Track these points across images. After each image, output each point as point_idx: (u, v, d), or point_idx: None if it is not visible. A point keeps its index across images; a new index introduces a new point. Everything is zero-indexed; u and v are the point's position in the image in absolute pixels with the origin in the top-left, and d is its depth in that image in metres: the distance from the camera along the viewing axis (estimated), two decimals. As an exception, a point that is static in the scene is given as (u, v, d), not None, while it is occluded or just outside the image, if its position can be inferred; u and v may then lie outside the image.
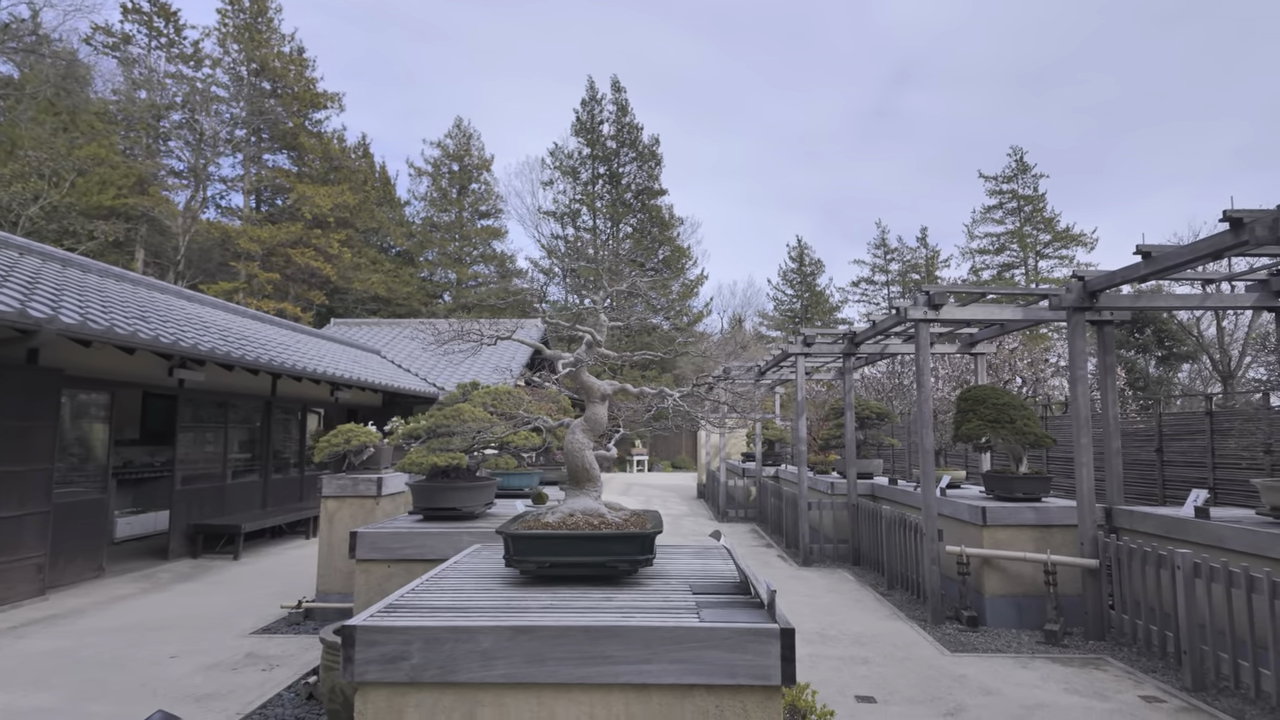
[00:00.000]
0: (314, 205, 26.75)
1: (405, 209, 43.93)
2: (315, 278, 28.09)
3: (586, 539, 2.79)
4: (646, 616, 2.38)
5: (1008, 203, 44.50)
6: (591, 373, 3.25)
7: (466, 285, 43.47)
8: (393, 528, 4.69)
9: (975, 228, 45.78)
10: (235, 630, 6.17)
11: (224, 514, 10.33)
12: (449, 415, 4.85)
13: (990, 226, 45.13)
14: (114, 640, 5.82)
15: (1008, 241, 44.48)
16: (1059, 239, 42.95)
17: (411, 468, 4.66)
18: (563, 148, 39.87)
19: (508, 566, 2.84)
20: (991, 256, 44.85)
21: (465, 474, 5.17)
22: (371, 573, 4.57)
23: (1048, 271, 43.29)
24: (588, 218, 38.82)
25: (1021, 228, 43.79)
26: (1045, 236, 43.34)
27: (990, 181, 45.16)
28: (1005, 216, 44.65)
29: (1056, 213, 43.22)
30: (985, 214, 45.36)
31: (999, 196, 44.75)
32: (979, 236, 45.49)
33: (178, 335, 7.80)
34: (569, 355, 3.18)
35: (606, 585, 2.83)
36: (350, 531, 4.58)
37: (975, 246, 45.53)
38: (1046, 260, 43.42)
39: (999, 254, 44.77)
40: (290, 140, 28.74)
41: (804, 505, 9.76)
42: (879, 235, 53.00)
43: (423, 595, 2.71)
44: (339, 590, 6.62)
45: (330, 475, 6.80)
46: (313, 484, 13.16)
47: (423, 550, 4.56)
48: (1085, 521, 6.30)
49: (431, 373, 18.36)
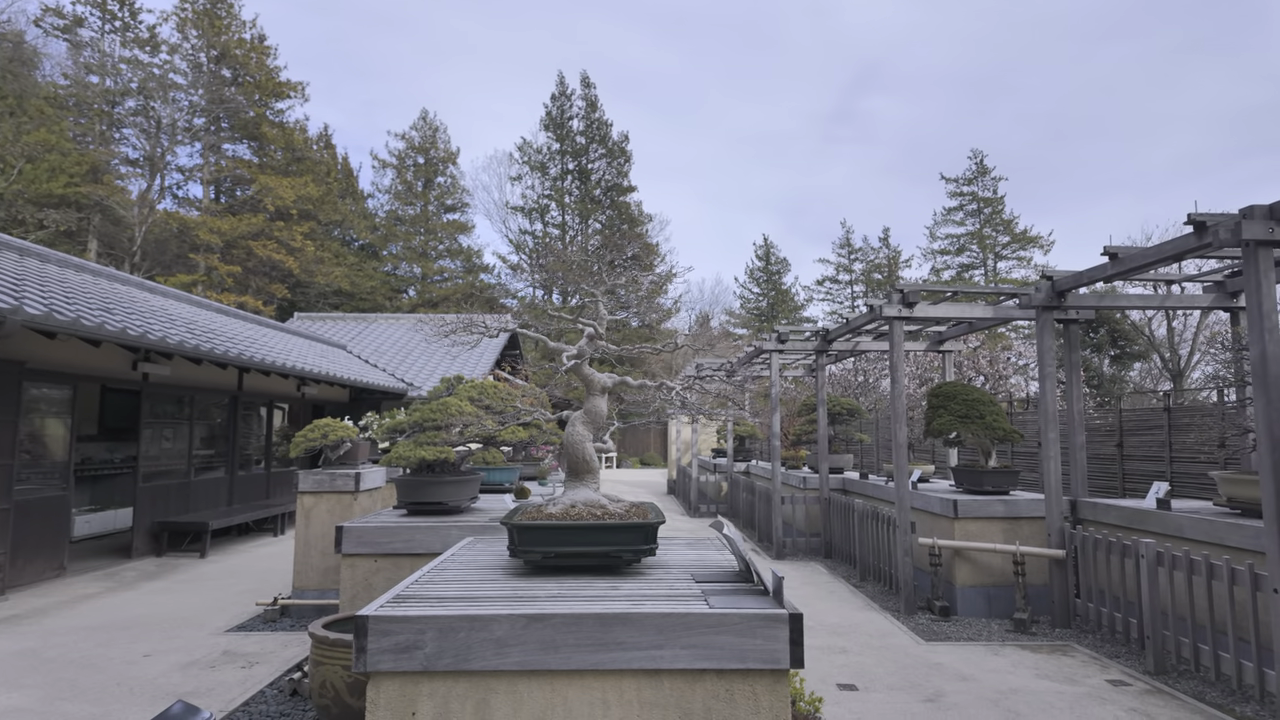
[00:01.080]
0: (277, 197, 26.17)
1: (368, 202, 43.24)
2: (277, 271, 27.50)
3: (591, 529, 2.82)
4: (657, 604, 2.43)
5: (968, 204, 45.49)
6: None
7: (432, 280, 42.99)
8: (378, 522, 4.66)
9: (937, 229, 46.75)
10: (209, 628, 6.05)
11: (189, 511, 10.09)
12: (436, 409, 4.83)
13: (951, 228, 46.14)
14: (83, 640, 5.67)
15: (968, 242, 45.48)
16: (1017, 240, 44.06)
17: (399, 462, 4.63)
18: (531, 142, 39.71)
19: (512, 556, 2.86)
20: (952, 257, 45.83)
21: (450, 468, 5.15)
22: (357, 567, 4.54)
23: (1006, 272, 44.38)
24: (557, 213, 38.67)
25: (981, 229, 44.81)
26: (1004, 238, 44.41)
27: (952, 184, 46.13)
28: (966, 218, 45.65)
29: (1015, 215, 44.34)
30: (946, 215, 46.33)
31: (960, 198, 45.74)
32: (940, 237, 46.45)
33: (145, 327, 7.61)
34: (572, 348, 3.20)
35: (610, 575, 2.87)
36: (336, 526, 4.53)
37: (937, 247, 46.49)
38: (1005, 261, 44.51)
39: (959, 254, 45.76)
40: (252, 130, 28.07)
41: (777, 500, 9.91)
42: (843, 235, 53.75)
43: (428, 586, 2.71)
44: (316, 586, 6.54)
45: (306, 471, 6.70)
46: (279, 481, 12.93)
47: (410, 544, 4.54)
48: (1053, 514, 6.52)
49: (400, 369, 18.13)
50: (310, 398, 14.03)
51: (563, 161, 38.72)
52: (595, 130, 38.26)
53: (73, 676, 4.85)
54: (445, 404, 4.84)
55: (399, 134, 43.32)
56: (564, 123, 38.83)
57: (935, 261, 46.66)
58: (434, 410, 4.83)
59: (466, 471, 5.21)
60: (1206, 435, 7.12)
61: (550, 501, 3.11)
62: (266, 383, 12.36)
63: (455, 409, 4.82)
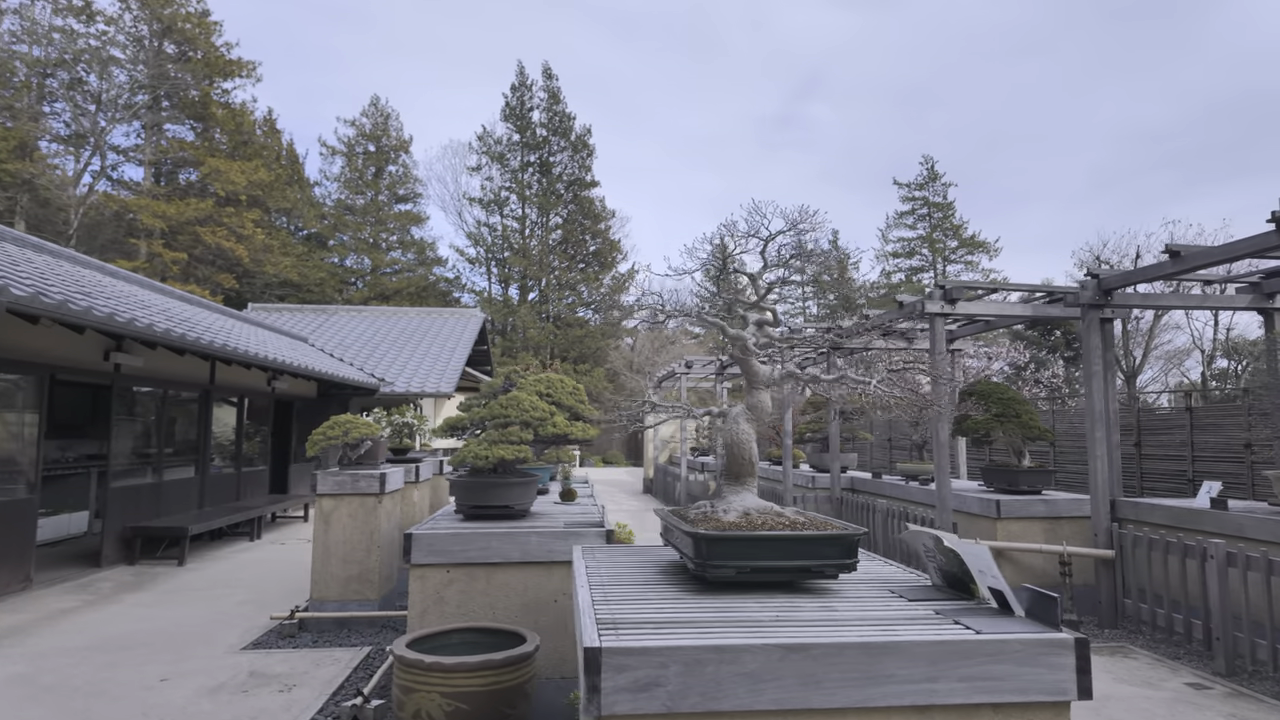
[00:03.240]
0: (228, 181, 24.78)
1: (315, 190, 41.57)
2: (225, 259, 26.07)
3: (790, 540, 2.50)
4: (918, 629, 2.13)
5: (919, 209, 46.59)
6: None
7: (383, 272, 41.68)
8: (448, 528, 4.22)
9: (889, 232, 47.73)
10: (222, 646, 5.47)
11: (160, 514, 9.30)
12: (506, 404, 4.41)
13: (903, 231, 47.17)
14: (81, 663, 5.03)
15: (918, 246, 46.61)
16: (965, 245, 45.35)
17: (478, 461, 4.20)
18: (491, 132, 38.75)
19: (698, 571, 2.51)
20: (904, 260, 46.86)
21: (511, 468, 4.74)
22: (428, 579, 4.10)
23: (955, 275, 45.63)
24: (517, 206, 37.89)
25: (932, 234, 45.95)
26: (953, 243, 45.66)
27: (904, 188, 47.15)
28: (917, 222, 46.74)
29: (964, 220, 45.61)
30: (898, 219, 47.36)
31: (912, 203, 46.79)
32: (893, 240, 47.44)
33: (131, 314, 6.90)
34: (746, 334, 2.86)
35: (804, 593, 2.56)
36: (404, 534, 4.08)
37: (890, 250, 47.44)
38: (954, 265, 45.77)
39: (910, 257, 46.85)
40: (198, 110, 26.50)
41: (789, 500, 9.72)
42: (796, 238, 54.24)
43: (614, 608, 2.35)
44: (336, 598, 6.00)
45: (324, 471, 6.15)
46: (250, 481, 12.12)
47: (486, 553, 4.13)
48: (1099, 513, 6.48)
49: (368, 363, 17.33)
50: (280, 393, 13.22)
51: (523, 153, 37.95)
52: (557, 123, 37.63)
53: (83, 707, 4.26)
54: (516, 399, 4.43)
55: (348, 120, 41.83)
56: (524, 114, 38.06)
57: (887, 264, 47.68)
58: (505, 405, 4.42)
59: (527, 472, 4.81)
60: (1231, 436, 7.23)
61: (722, 508, 2.77)
62: (238, 376, 11.56)
63: (528, 404, 4.43)
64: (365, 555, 6.05)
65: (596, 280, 36.49)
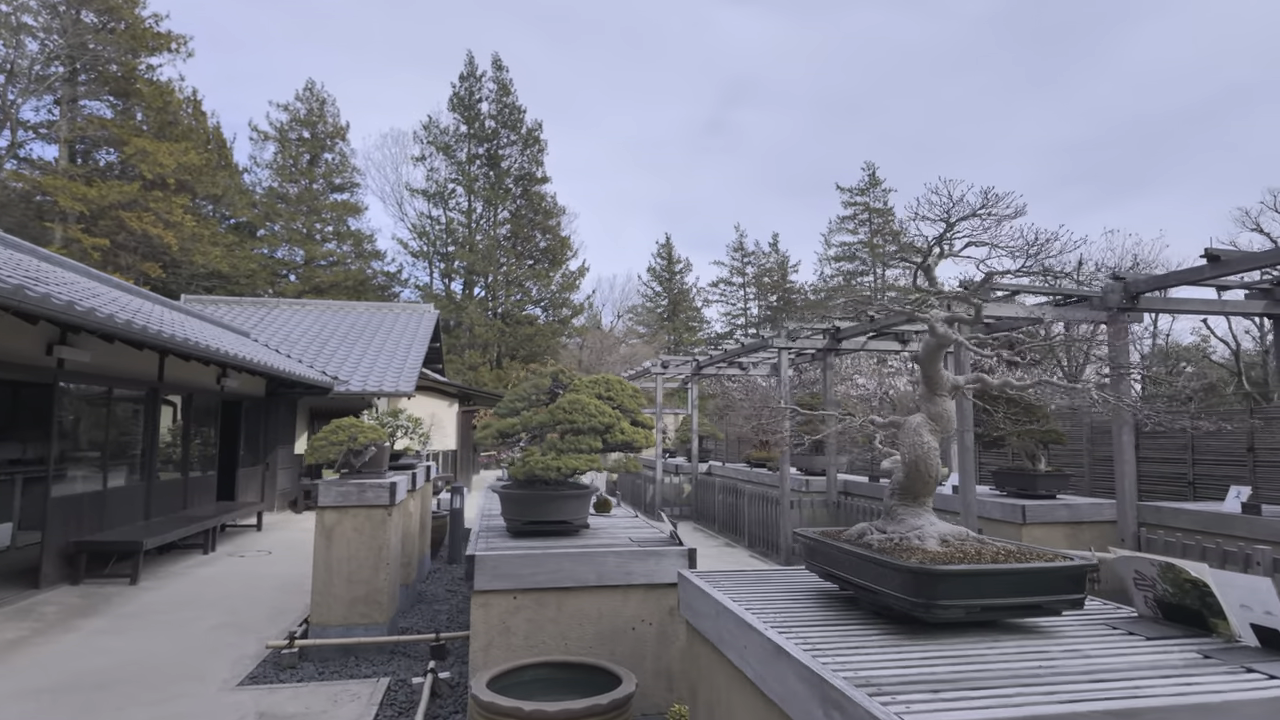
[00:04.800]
0: (155, 163, 23.00)
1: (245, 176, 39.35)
2: (151, 247, 24.25)
3: (1025, 574, 2.17)
4: (1208, 679, 1.82)
5: (860, 214, 47.60)
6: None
7: (318, 264, 39.82)
8: (512, 548, 3.74)
9: (831, 236, 48.64)
10: (214, 682, 4.80)
11: (104, 527, 8.34)
12: (569, 408, 3.95)
13: (845, 235, 48.11)
14: (50, 709, 4.30)
15: (859, 250, 47.62)
16: (904, 250, 46.49)
17: (545, 472, 3.72)
18: (437, 122, 37.47)
19: (916, 612, 2.15)
20: (846, 264, 47.81)
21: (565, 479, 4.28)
22: (492, 607, 3.60)
23: (894, 279, 46.82)
24: (464, 199, 36.74)
25: (872, 238, 47.01)
26: (892, 247, 46.82)
27: (845, 193, 48.14)
28: (858, 227, 47.74)
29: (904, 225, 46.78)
30: (840, 224, 48.30)
31: (853, 208, 47.78)
32: (835, 244, 48.32)
33: (89, 303, 6.07)
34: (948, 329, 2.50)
35: (1012, 632, 2.24)
36: (467, 555, 3.57)
37: (832, 254, 48.32)
38: (893, 269, 46.96)
39: (851, 261, 47.83)
40: (121, 86, 24.53)
41: (786, 504, 9.49)
42: (737, 239, 54.89)
43: (839, 659, 1.96)
44: (340, 621, 5.39)
45: (327, 481, 5.51)
46: (198, 487, 11.12)
47: (557, 576, 3.66)
48: (1126, 518, 6.44)
49: (318, 360, 16.30)
50: (229, 391, 12.22)
51: (471, 145, 36.84)
52: (507, 115, 36.67)
53: (68, 766, 3.59)
54: (581, 403, 3.98)
55: (281, 104, 39.72)
56: (473, 105, 36.95)
57: (830, 267, 48.54)
58: (568, 410, 3.95)
59: (578, 484, 4.35)
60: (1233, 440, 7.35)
61: (915, 534, 2.41)
62: (187, 373, 10.58)
63: (594, 409, 3.98)
64: (373, 574, 5.45)
65: (546, 277, 35.71)
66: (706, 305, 53.84)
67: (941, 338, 2.45)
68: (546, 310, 36.25)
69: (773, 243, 54.90)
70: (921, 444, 2.52)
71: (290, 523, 12.83)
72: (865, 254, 47.21)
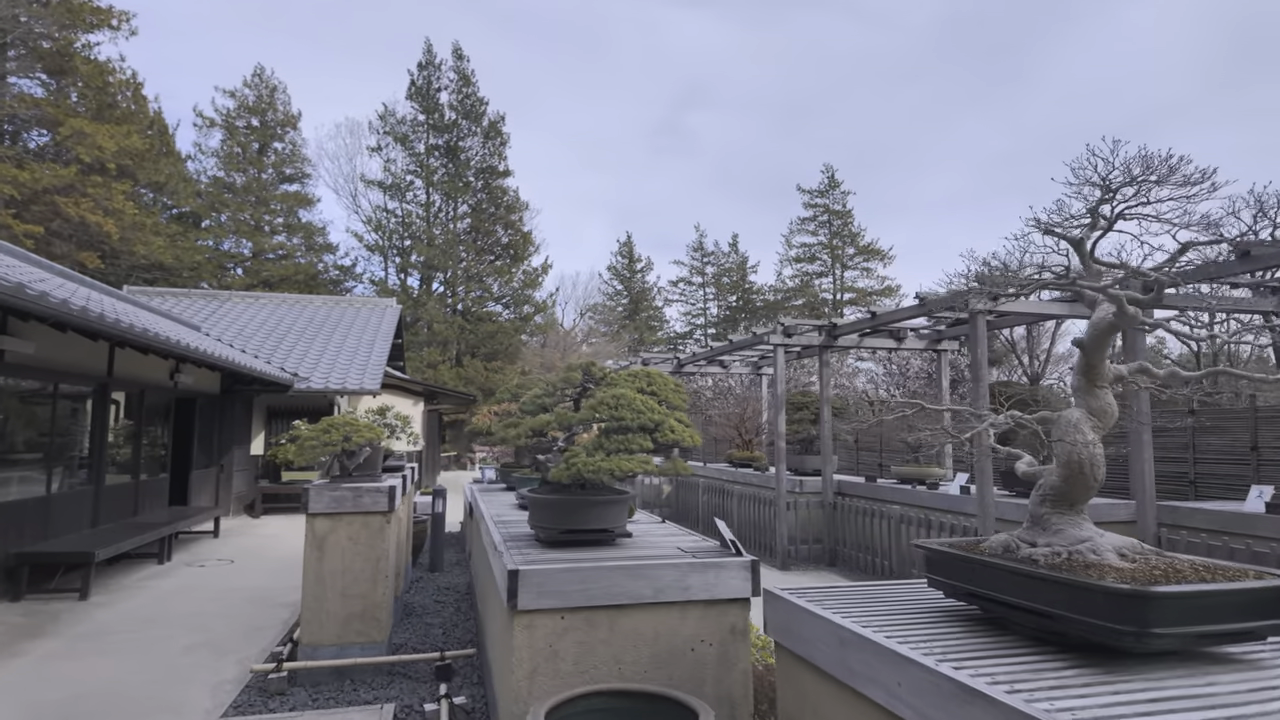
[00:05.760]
0: (94, 146, 21.59)
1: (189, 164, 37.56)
2: (89, 235, 22.79)
3: (1250, 595, 1.88)
4: None
5: (820, 216, 48.00)
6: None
7: (266, 257, 38.28)
8: (555, 562, 3.32)
9: (793, 237, 48.89)
10: (195, 713, 4.26)
11: (48, 536, 7.58)
12: (613, 403, 3.55)
13: (806, 237, 48.44)
14: (3, 752, 3.71)
15: (819, 251, 48.03)
16: (862, 252, 47.15)
17: (593, 475, 3.31)
18: (393, 111, 36.30)
19: (1129, 640, 1.82)
20: (806, 265, 48.17)
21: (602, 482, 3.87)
22: (537, 629, 3.18)
23: (852, 281, 47.40)
24: (422, 191, 35.67)
25: (832, 240, 47.46)
26: (850, 250, 47.36)
27: (806, 195, 48.47)
28: (818, 228, 48.14)
29: (862, 228, 47.42)
30: (801, 225, 48.60)
31: (814, 209, 48.14)
32: (796, 245, 48.61)
33: (45, 288, 5.41)
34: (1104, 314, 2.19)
35: (1231, 665, 1.94)
36: (508, 569, 3.14)
37: (792, 255, 48.60)
38: (851, 271, 47.49)
39: (812, 263, 48.21)
40: (57, 64, 22.97)
41: (782, 505, 9.22)
42: (697, 239, 54.90)
43: (1051, 702, 1.62)
44: (333, 641, 4.87)
45: (318, 485, 4.97)
46: (149, 492, 10.31)
47: (610, 593, 3.26)
48: (1146, 518, 6.33)
49: (275, 356, 15.46)
50: (183, 388, 11.40)
51: (429, 136, 35.79)
52: (469, 106, 35.72)
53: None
54: (627, 399, 3.59)
55: (228, 90, 38.10)
56: (431, 94, 35.90)
57: (790, 268, 48.80)
58: (612, 405, 3.56)
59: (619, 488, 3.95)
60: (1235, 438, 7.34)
61: (1058, 546, 2.10)
62: (139, 367, 9.78)
63: (642, 404, 3.59)
64: (370, 587, 4.95)
65: (508, 274, 34.92)
66: (667, 305, 53.71)
67: (1125, 318, 2.13)
68: (508, 307, 35.46)
69: (732, 243, 55.07)
70: (1083, 442, 2.21)
71: (249, 528, 12.06)
72: (825, 255, 47.63)
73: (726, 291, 54.46)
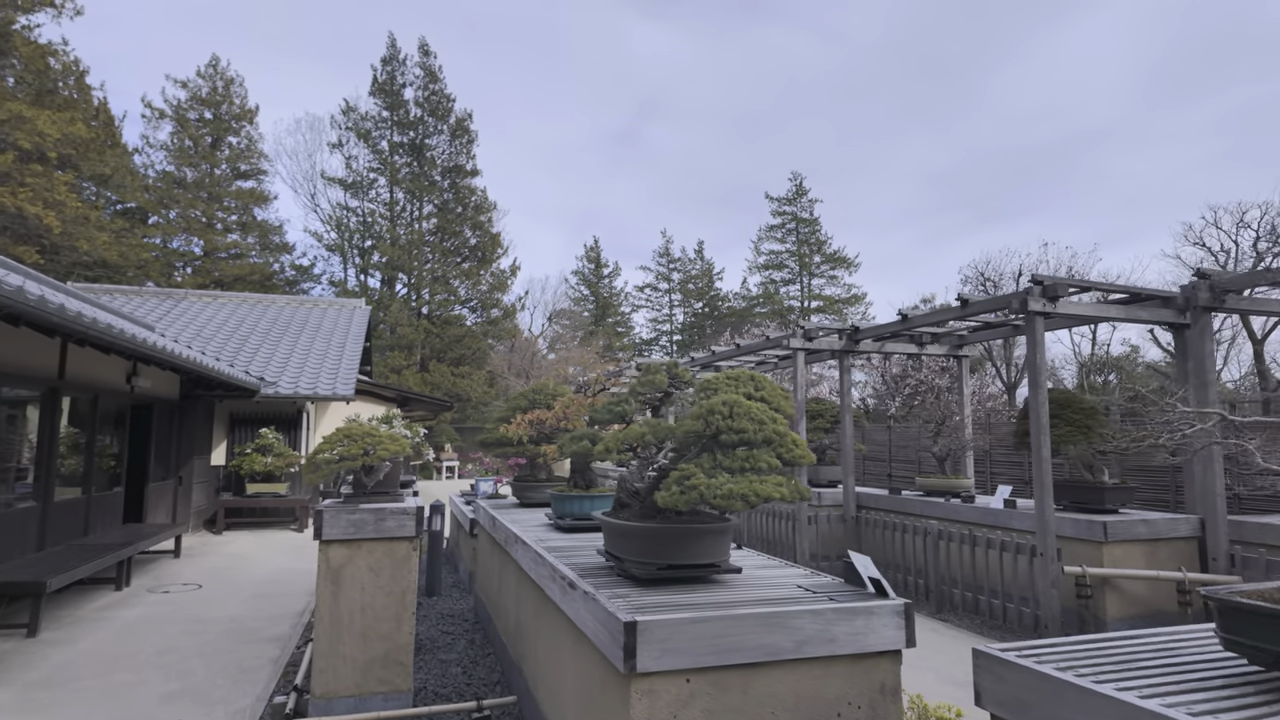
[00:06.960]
0: (34, 132, 20.06)
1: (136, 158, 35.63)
2: (27, 228, 21.20)
3: None
4: None
5: (788, 223, 48.07)
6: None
7: (219, 256, 36.56)
8: (672, 610, 2.68)
9: (761, 244, 48.87)
10: (188, 790, 3.48)
11: (-12, 562, 6.61)
12: (728, 412, 2.94)
13: (774, 244, 48.46)
14: None
15: (787, 259, 48.06)
16: (829, 260, 47.34)
17: (728, 501, 2.69)
18: (355, 107, 35.02)
19: None
20: (775, 271, 48.15)
21: (697, 509, 3.26)
22: (660, 695, 2.54)
23: (819, 289, 47.51)
24: (385, 190, 34.43)
25: (800, 247, 47.53)
26: (818, 258, 47.49)
27: (774, 202, 48.50)
28: (786, 236, 48.18)
29: (829, 236, 47.63)
30: (769, 232, 48.61)
31: (782, 217, 48.20)
32: (764, 253, 48.58)
33: None
34: None
35: None
36: (622, 621, 2.49)
37: (761, 262, 48.55)
38: (818, 278, 47.61)
39: (780, 270, 48.21)
40: (-6, 43, 21.35)
41: (804, 520, 8.68)
42: (663, 244, 54.55)
43: None
44: (351, 691, 4.13)
45: (331, 505, 4.22)
46: (101, 508, 9.28)
47: (744, 648, 2.64)
48: (1218, 536, 5.96)
49: (238, 359, 14.40)
50: (140, 392, 10.38)
51: (394, 132, 34.59)
52: (435, 103, 34.61)
53: None
54: (741, 406, 2.98)
55: (180, 81, 36.32)
56: (396, 90, 34.73)
57: (758, 275, 48.73)
58: (728, 415, 2.94)
59: (711, 514, 3.34)
60: None
61: None
62: (92, 369, 8.79)
63: (759, 413, 2.99)
64: (394, 627, 4.22)
65: (476, 276, 33.88)
66: (634, 310, 53.16)
67: None
68: (476, 311, 34.42)
69: (698, 250, 54.89)
70: None
71: (212, 546, 11.05)
72: (793, 262, 47.67)
73: (693, 298, 54.19)
